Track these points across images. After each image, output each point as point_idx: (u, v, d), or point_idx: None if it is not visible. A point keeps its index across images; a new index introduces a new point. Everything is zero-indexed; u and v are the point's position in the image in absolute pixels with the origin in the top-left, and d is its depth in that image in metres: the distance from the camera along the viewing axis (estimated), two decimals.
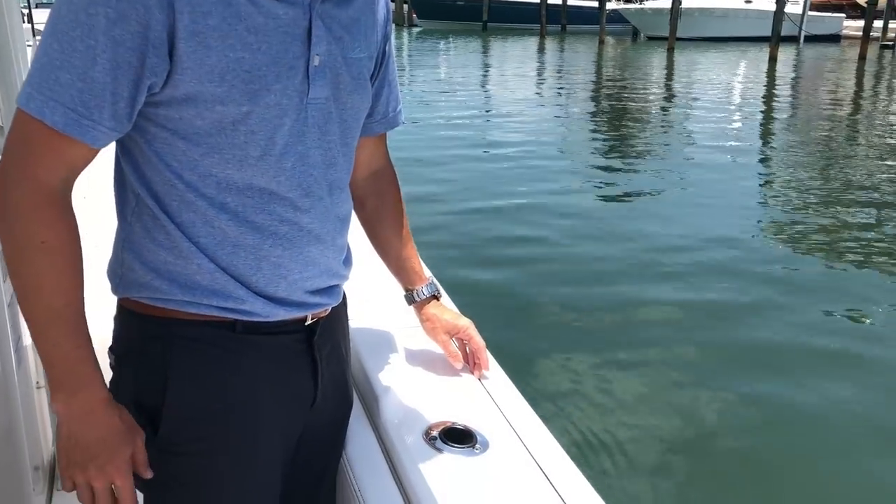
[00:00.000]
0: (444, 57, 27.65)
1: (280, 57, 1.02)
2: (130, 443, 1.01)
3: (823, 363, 4.57)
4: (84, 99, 0.95)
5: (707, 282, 5.84)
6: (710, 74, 22.33)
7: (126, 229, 1.10)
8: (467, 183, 8.64)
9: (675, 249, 6.52)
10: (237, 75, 0.99)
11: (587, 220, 7.51)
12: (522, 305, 5.17)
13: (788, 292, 5.68)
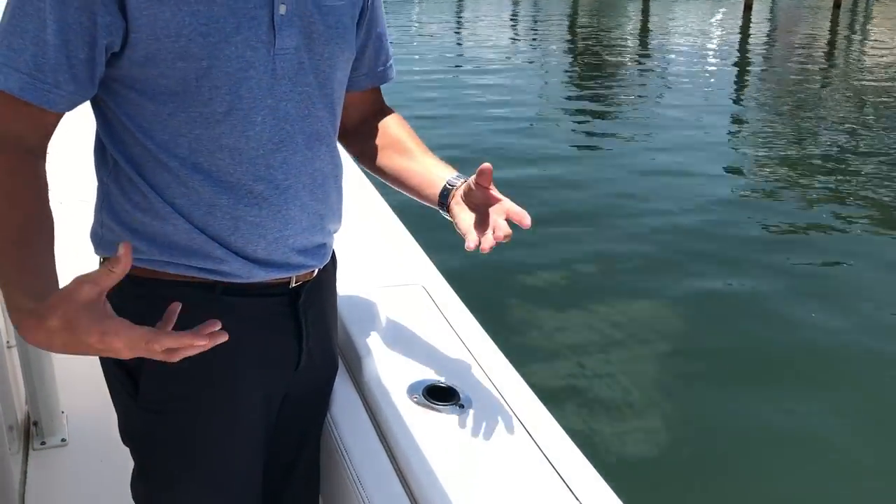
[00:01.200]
0: (417, 3, 27.16)
1: (238, 7, 0.98)
2: (86, 308, 0.86)
3: (800, 310, 4.67)
4: (38, 63, 0.93)
5: (680, 232, 5.91)
6: (685, 22, 22.21)
7: (104, 191, 1.08)
8: (439, 133, 8.57)
9: (645, 198, 6.58)
10: (194, 28, 0.95)
11: (560, 167, 7.53)
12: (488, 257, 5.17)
13: (763, 246, 5.77)
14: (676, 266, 5.25)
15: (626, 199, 6.51)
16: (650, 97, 11.38)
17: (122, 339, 0.84)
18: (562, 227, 5.80)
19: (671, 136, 8.90)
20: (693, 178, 7.23)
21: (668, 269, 5.19)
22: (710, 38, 18.90)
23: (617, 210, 6.27)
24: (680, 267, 5.24)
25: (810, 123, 9.74)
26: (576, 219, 6.04)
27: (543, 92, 11.70)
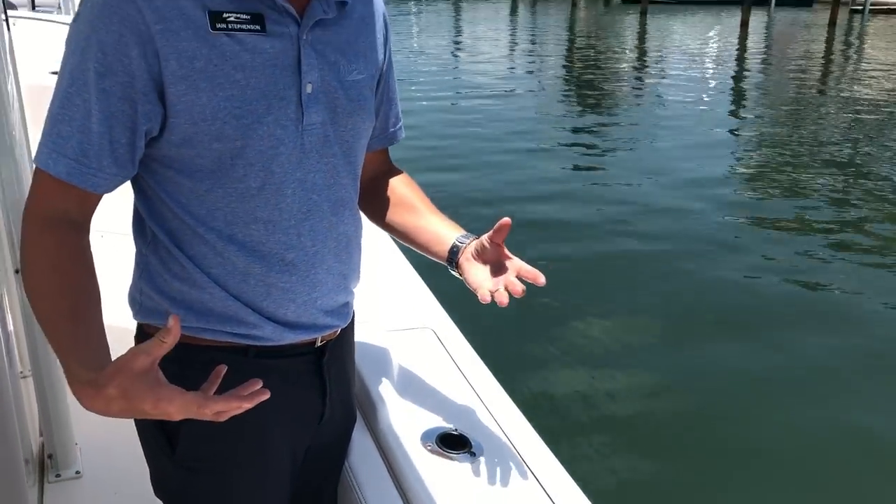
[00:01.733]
0: (415, 22, 27.36)
1: (269, 90, 1.04)
2: (140, 377, 0.91)
3: (792, 321, 4.73)
4: (84, 149, 1.00)
5: (679, 242, 5.98)
6: (682, 38, 22.41)
7: (143, 262, 1.14)
8: (437, 148, 8.64)
9: (643, 211, 6.64)
10: (228, 112, 1.02)
11: (558, 183, 7.62)
12: None
13: (754, 252, 5.84)
14: (687, 316, 5.21)
15: (620, 215, 6.56)
16: (648, 114, 11.48)
17: (175, 405, 0.90)
18: (561, 263, 5.86)
19: (669, 155, 8.99)
20: (691, 200, 7.30)
21: (674, 312, 5.17)
22: (707, 55, 19.07)
23: (616, 241, 6.31)
24: (689, 316, 5.21)
25: (808, 142, 9.83)
26: (575, 254, 6.10)
27: (541, 112, 11.79)
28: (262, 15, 1.03)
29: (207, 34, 1.00)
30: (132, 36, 0.97)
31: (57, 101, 1.00)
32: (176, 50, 0.99)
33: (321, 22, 1.09)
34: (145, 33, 0.98)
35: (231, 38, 1.02)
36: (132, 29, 0.97)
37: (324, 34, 1.10)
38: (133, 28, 0.97)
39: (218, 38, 1.01)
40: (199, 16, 1.00)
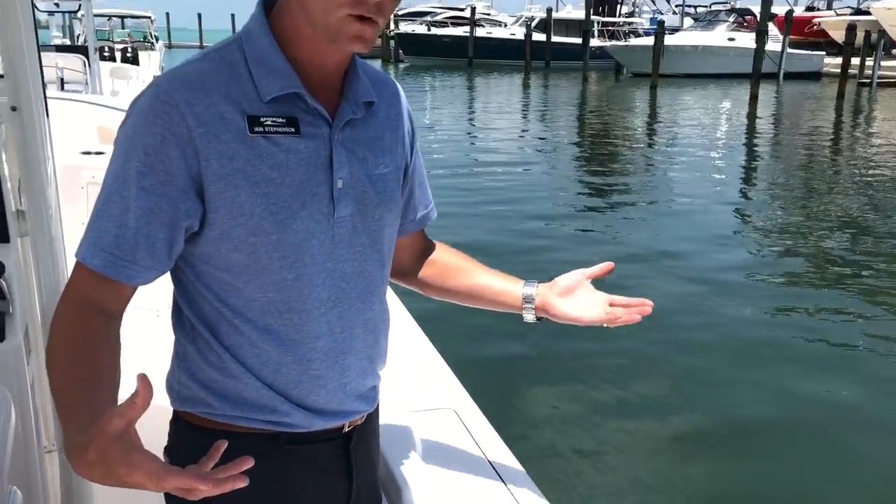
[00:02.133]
0: (430, 92, 27.96)
1: (304, 186, 1.10)
2: (116, 440, 0.89)
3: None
4: (119, 243, 1.06)
5: (685, 315, 5.96)
6: (692, 111, 22.74)
7: (182, 351, 1.19)
8: (451, 216, 8.73)
9: (658, 274, 6.64)
10: (265, 208, 1.08)
11: (568, 251, 7.66)
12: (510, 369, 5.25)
13: (770, 323, 5.81)
14: (706, 384, 5.22)
15: (642, 292, 6.56)
16: (661, 184, 11.60)
17: (140, 472, 0.87)
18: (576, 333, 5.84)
19: (681, 224, 9.05)
20: (703, 268, 7.31)
21: (697, 387, 5.16)
22: (717, 127, 19.33)
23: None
24: (706, 383, 5.21)
25: (820, 210, 9.87)
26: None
27: (553, 184, 11.93)
28: (296, 118, 1.10)
29: (245, 136, 1.07)
30: (174, 138, 1.04)
31: (99, 199, 1.08)
32: (216, 151, 1.06)
33: (350, 121, 1.16)
34: (186, 136, 1.04)
35: (267, 139, 1.08)
36: (174, 132, 1.04)
37: (353, 132, 1.16)
38: (175, 131, 1.04)
39: (255, 139, 1.08)
40: (238, 119, 1.07)
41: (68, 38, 18.86)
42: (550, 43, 40.70)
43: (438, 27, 46.66)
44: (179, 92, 1.05)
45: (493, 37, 43.99)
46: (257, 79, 1.08)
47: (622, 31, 44.08)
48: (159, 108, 1.05)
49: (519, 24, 45.18)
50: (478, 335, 5.18)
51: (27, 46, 1.64)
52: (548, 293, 1.35)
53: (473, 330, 5.20)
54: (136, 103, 1.08)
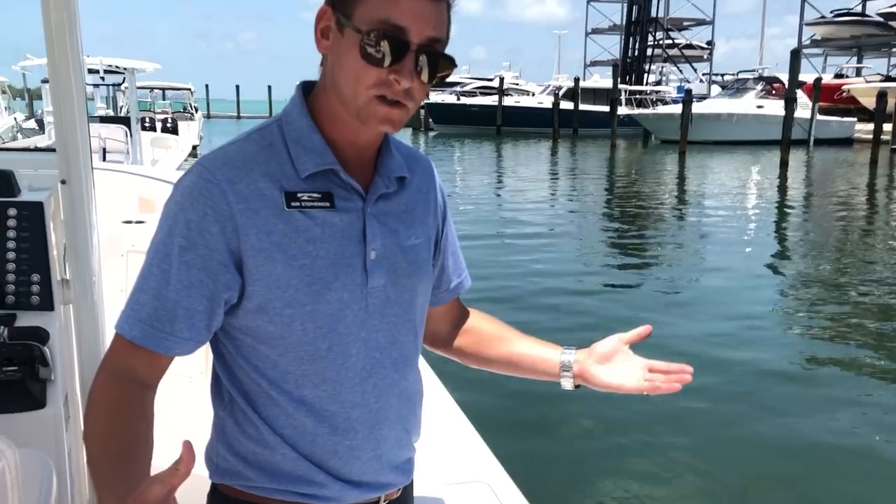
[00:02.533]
0: (459, 159, 28.33)
1: (338, 258, 1.14)
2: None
3: None
4: (158, 314, 1.10)
5: (716, 386, 5.83)
6: (721, 177, 22.72)
7: (220, 424, 1.21)
8: (481, 282, 8.72)
9: (690, 351, 6.53)
10: (301, 280, 1.11)
11: (598, 319, 7.58)
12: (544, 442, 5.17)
13: (804, 394, 5.66)
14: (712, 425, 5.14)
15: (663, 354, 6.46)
16: (691, 252, 11.51)
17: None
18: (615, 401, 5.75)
19: (713, 293, 8.94)
20: (736, 339, 7.20)
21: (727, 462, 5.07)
22: (748, 194, 19.26)
23: None
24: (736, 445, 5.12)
25: (855, 281, 9.71)
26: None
27: (583, 249, 11.92)
28: (331, 193, 1.15)
29: (283, 211, 1.12)
30: (215, 214, 1.09)
31: (141, 271, 1.12)
32: (255, 225, 1.10)
33: (383, 195, 1.20)
34: (227, 212, 1.09)
35: (304, 213, 1.13)
36: (215, 208, 1.09)
37: (386, 205, 1.21)
38: (216, 207, 1.09)
39: (292, 214, 1.12)
40: (277, 195, 1.12)
41: (112, 109, 19.54)
42: (578, 111, 41.22)
43: (468, 97, 47.54)
44: (221, 171, 1.10)
45: (521, 105, 44.69)
46: (295, 157, 1.14)
47: (650, 99, 44.55)
48: (202, 186, 1.10)
49: (547, 92, 45.88)
50: (512, 402, 5.13)
51: (79, 123, 1.71)
52: (586, 360, 1.34)
53: (507, 396, 5.15)
54: (182, 182, 1.13)
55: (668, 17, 57.38)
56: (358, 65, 1.07)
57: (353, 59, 1.07)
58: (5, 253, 1.81)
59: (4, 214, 1.83)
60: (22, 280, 1.82)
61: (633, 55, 49.86)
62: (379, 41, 1.05)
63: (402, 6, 1.06)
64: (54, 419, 1.77)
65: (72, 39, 1.64)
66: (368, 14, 1.06)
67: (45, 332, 1.73)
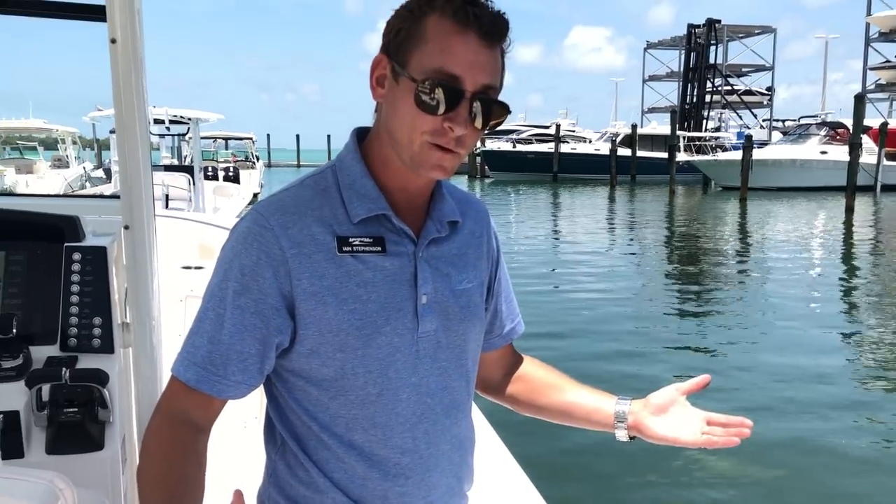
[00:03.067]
0: (514, 206, 28.37)
1: (389, 302, 1.14)
2: None
3: None
4: (212, 358, 1.11)
5: (786, 442, 5.58)
6: (785, 224, 22.19)
7: (272, 467, 1.21)
8: (538, 327, 8.62)
9: (757, 407, 6.30)
10: (352, 324, 1.11)
11: (662, 366, 7.39)
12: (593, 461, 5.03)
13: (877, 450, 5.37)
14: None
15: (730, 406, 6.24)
16: (754, 303, 11.19)
17: None
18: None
19: (777, 343, 8.66)
20: (806, 398, 6.92)
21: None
22: (812, 242, 18.74)
23: None
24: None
25: None
26: None
27: (642, 297, 11.72)
28: (382, 238, 1.15)
29: (335, 256, 1.12)
30: (268, 259, 1.10)
31: (197, 316, 1.13)
32: (308, 270, 1.11)
33: (435, 239, 1.20)
34: (280, 257, 1.10)
35: (355, 258, 1.13)
36: (268, 253, 1.10)
37: (437, 250, 1.20)
38: (269, 252, 1.10)
39: (344, 258, 1.13)
40: (329, 240, 1.13)
41: (177, 158, 20.23)
42: (636, 157, 40.98)
43: (523, 144, 47.79)
44: (275, 216, 1.12)
45: (577, 152, 44.68)
46: (348, 202, 1.15)
47: (709, 145, 44.05)
48: (256, 231, 1.12)
49: (604, 139, 45.81)
50: (567, 450, 5.01)
51: (143, 171, 1.76)
52: (641, 411, 1.30)
53: (563, 445, 5.04)
54: (237, 227, 1.16)
55: (727, 64, 56.97)
56: (413, 112, 1.08)
57: (408, 107, 1.08)
58: (69, 296, 1.86)
59: (70, 258, 1.88)
60: (84, 323, 1.86)
61: (691, 101, 49.53)
62: (434, 89, 1.06)
63: (457, 54, 1.07)
64: (112, 461, 1.79)
65: (137, 91, 1.70)
66: (423, 63, 1.07)
67: (104, 375, 1.76)
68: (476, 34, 1.07)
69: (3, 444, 1.71)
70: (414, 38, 1.08)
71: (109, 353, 1.86)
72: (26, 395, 1.73)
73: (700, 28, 49.33)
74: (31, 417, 1.75)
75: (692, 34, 49.63)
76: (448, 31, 1.07)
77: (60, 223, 1.92)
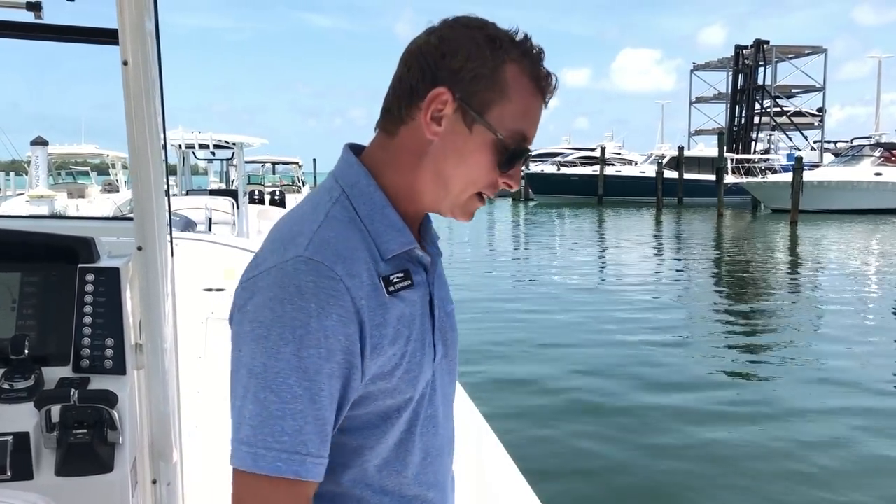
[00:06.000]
0: (558, 229, 28.20)
1: (423, 337, 1.07)
2: None
3: None
4: (315, 440, 0.96)
5: (838, 473, 5.34)
6: (838, 248, 21.60)
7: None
8: (584, 361, 8.47)
9: (807, 440, 6.05)
10: (402, 368, 1.03)
11: (711, 395, 7.18)
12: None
13: None
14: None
15: (783, 436, 6.02)
16: (806, 330, 10.85)
17: None
18: (706, 457, 5.40)
19: (831, 368, 8.35)
20: (865, 434, 6.64)
21: None
22: (867, 266, 18.18)
23: (772, 446, 5.78)
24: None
25: None
26: (723, 449, 5.62)
27: (690, 322, 11.46)
28: (409, 271, 1.07)
29: (386, 299, 1.02)
30: (348, 316, 0.96)
31: (269, 395, 0.95)
32: (373, 320, 0.99)
33: (434, 264, 1.15)
34: (356, 312, 0.97)
35: (397, 297, 1.04)
36: (346, 308, 0.96)
37: (436, 275, 1.16)
38: (346, 308, 0.97)
39: (392, 300, 1.03)
40: (378, 283, 1.02)
41: (224, 182, 20.58)
42: (683, 179, 40.46)
43: (568, 167, 47.62)
44: (338, 265, 0.98)
45: (622, 174, 44.34)
46: (375, 236, 1.04)
47: (758, 167, 43.31)
48: (327, 286, 0.96)
49: (649, 161, 45.39)
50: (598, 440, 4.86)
51: (155, 192, 1.74)
52: None
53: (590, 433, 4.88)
54: (289, 280, 0.97)
55: (776, 85, 56.07)
56: (487, 166, 1.05)
57: (481, 159, 1.04)
58: (83, 317, 1.84)
59: (83, 279, 1.87)
60: (97, 344, 1.84)
61: (739, 123, 48.85)
62: (511, 149, 1.04)
63: (535, 120, 1.06)
64: (121, 484, 1.76)
65: (149, 113, 1.68)
66: (507, 120, 1.04)
67: (113, 396, 1.73)
68: (544, 101, 1.08)
69: (12, 465, 1.69)
70: (495, 89, 1.03)
71: (121, 375, 1.83)
72: (36, 417, 1.71)
73: (748, 49, 48.75)
74: (41, 439, 1.73)
75: (740, 55, 49.08)
76: (529, 93, 1.05)
77: (75, 244, 1.91)
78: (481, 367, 8.02)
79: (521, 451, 5.13)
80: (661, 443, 6.00)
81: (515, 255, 20.39)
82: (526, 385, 7.49)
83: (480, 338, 9.38)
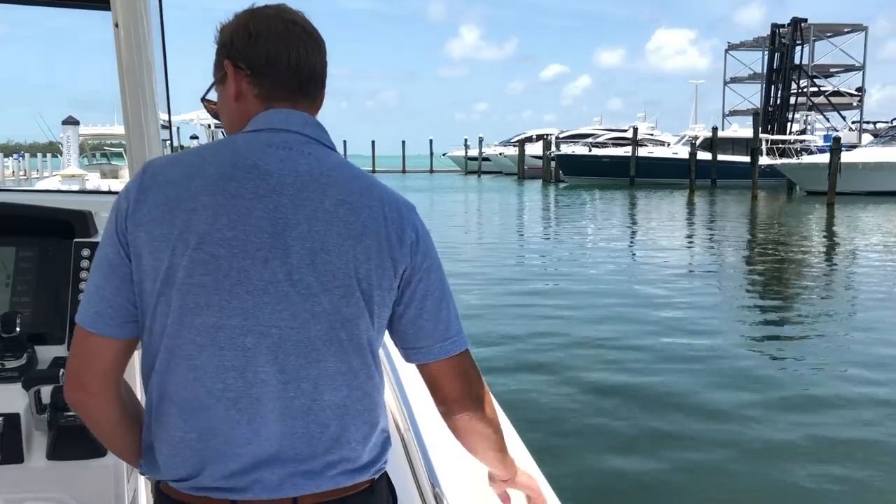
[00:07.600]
0: (589, 210, 27.90)
1: None
2: None
3: None
4: None
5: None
6: (876, 230, 21.08)
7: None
8: (616, 340, 8.33)
9: (843, 423, 5.87)
10: None
11: (744, 380, 7.02)
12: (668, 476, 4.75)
13: None
14: None
15: (820, 422, 5.84)
16: (842, 315, 10.57)
17: None
18: (738, 440, 5.25)
19: (866, 355, 8.11)
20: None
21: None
22: None
23: (807, 433, 5.60)
24: None
25: None
26: (758, 431, 5.46)
27: (723, 307, 11.24)
28: None
29: None
30: None
31: (448, 291, 1.30)
32: None
33: None
34: None
35: None
36: None
37: None
38: None
39: None
40: None
41: None
42: (716, 161, 39.79)
43: (599, 148, 47.08)
44: None
45: (655, 156, 43.73)
46: None
47: (793, 148, 42.41)
48: None
49: (682, 143, 44.68)
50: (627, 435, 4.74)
51: (151, 158, 1.65)
52: None
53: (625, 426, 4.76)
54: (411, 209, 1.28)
55: (814, 64, 54.73)
56: None
57: None
58: (78, 294, 1.76)
59: (79, 255, 1.79)
60: None
61: (775, 104, 47.85)
62: None
63: None
64: (115, 469, 1.69)
65: (143, 90, 1.62)
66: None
67: None
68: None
69: (2, 447, 1.62)
70: None
71: None
72: (27, 398, 1.64)
73: (785, 28, 47.62)
74: (32, 420, 1.66)
75: (776, 34, 47.95)
76: None
77: (71, 218, 1.83)
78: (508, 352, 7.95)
79: (536, 435, 5.00)
80: (689, 432, 5.87)
81: (546, 236, 20.22)
82: (545, 370, 7.38)
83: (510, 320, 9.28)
